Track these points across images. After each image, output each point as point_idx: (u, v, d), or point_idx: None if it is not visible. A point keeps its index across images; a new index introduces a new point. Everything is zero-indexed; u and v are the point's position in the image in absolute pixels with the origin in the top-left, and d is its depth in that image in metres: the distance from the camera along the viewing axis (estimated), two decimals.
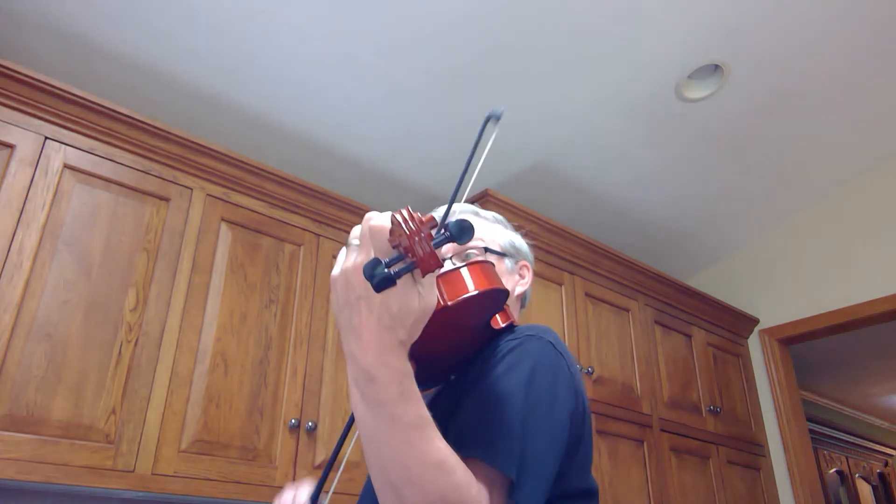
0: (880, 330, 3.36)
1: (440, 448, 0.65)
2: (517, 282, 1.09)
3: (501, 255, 1.06)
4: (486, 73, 2.30)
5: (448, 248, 1.03)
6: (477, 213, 1.10)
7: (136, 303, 1.76)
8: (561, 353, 0.84)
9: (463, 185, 0.76)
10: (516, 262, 1.10)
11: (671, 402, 2.72)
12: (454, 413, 0.80)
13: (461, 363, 0.89)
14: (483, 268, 0.79)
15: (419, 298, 0.63)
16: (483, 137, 0.82)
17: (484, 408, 0.78)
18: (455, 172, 1.08)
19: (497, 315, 0.87)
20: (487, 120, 0.83)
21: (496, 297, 0.81)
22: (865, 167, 3.07)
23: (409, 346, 0.66)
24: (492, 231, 1.09)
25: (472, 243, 1.03)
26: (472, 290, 0.76)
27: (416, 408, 0.65)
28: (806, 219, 3.25)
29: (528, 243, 1.16)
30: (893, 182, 3.00)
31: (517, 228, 1.18)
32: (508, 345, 0.83)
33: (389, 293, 0.62)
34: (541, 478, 0.74)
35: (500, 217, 1.13)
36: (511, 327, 0.88)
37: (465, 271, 0.78)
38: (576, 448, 0.84)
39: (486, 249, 1.05)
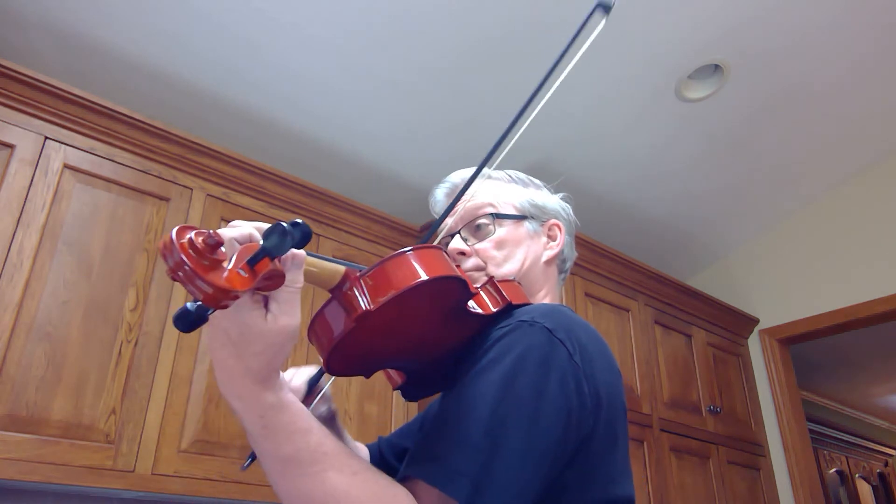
0: (880, 330, 3.36)
1: (335, 484, 0.58)
2: (545, 245, 0.96)
3: (519, 217, 0.94)
4: (487, 72, 2.30)
5: (457, 216, 0.93)
6: (489, 176, 0.98)
7: (136, 303, 1.76)
8: (560, 341, 0.70)
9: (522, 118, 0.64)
10: (541, 223, 0.97)
11: (671, 402, 2.72)
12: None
13: (457, 358, 0.78)
14: (421, 256, 0.66)
15: (269, 319, 0.55)
16: (586, 28, 0.69)
17: (445, 417, 0.67)
18: (454, 170, 1.03)
19: (474, 301, 0.75)
20: (595, 8, 0.71)
21: (441, 288, 0.67)
22: (865, 167, 3.07)
23: (270, 376, 0.58)
24: (506, 193, 0.97)
25: (481, 210, 0.93)
26: (398, 287, 0.63)
27: (293, 442, 0.58)
28: (806, 219, 3.25)
29: (562, 198, 1.03)
30: (893, 182, 3.00)
31: (548, 185, 1.04)
32: (497, 333, 0.72)
33: (225, 316, 0.54)
34: (509, 495, 0.62)
35: (519, 175, 1.01)
36: (509, 309, 0.76)
37: (391, 265, 0.65)
38: (583, 453, 0.70)
39: (497, 216, 0.93)
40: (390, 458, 1.00)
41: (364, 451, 0.99)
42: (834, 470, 5.11)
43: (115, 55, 2.06)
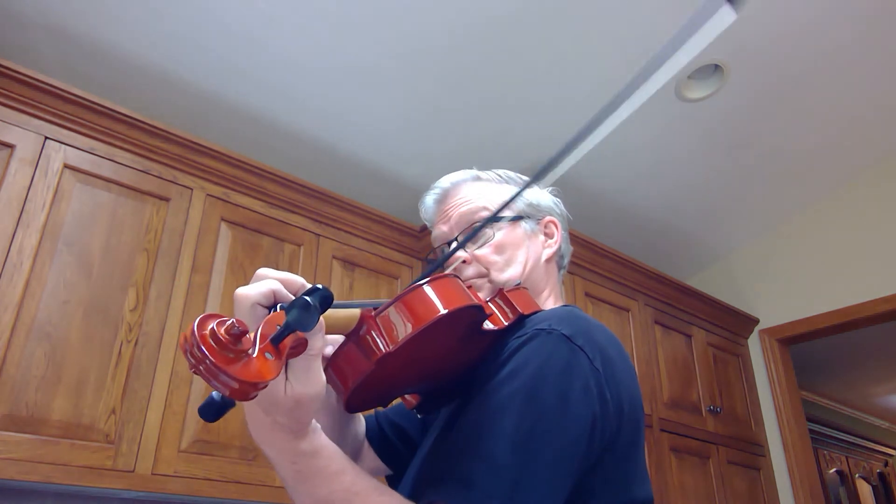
0: (880, 330, 3.36)
1: None
2: (543, 243, 0.94)
3: (516, 218, 0.92)
4: (487, 73, 2.30)
5: (451, 222, 0.90)
6: (478, 178, 0.95)
7: (136, 303, 1.76)
8: (580, 347, 0.69)
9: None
10: (538, 221, 0.95)
11: (671, 402, 2.72)
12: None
13: (472, 369, 0.77)
14: (436, 288, 0.64)
15: (287, 388, 0.54)
16: (711, 18, 0.57)
17: (466, 432, 0.65)
18: (453, 170, 1.02)
19: (489, 321, 0.73)
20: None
21: (458, 317, 0.65)
22: (865, 167, 3.07)
23: (302, 429, 0.58)
24: (499, 194, 0.93)
25: (477, 215, 0.90)
26: (417, 325, 0.61)
27: (327, 485, 0.59)
28: (806, 219, 3.25)
29: (551, 192, 1.00)
30: (893, 182, 3.00)
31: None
32: (514, 343, 0.70)
33: None
34: None
35: (509, 174, 0.97)
36: (521, 320, 0.75)
37: (408, 301, 0.63)
38: (607, 457, 0.69)
39: (494, 219, 0.90)
40: (392, 437, 0.99)
41: (362, 423, 0.98)
42: (834, 470, 5.12)
43: (115, 55, 2.06)
